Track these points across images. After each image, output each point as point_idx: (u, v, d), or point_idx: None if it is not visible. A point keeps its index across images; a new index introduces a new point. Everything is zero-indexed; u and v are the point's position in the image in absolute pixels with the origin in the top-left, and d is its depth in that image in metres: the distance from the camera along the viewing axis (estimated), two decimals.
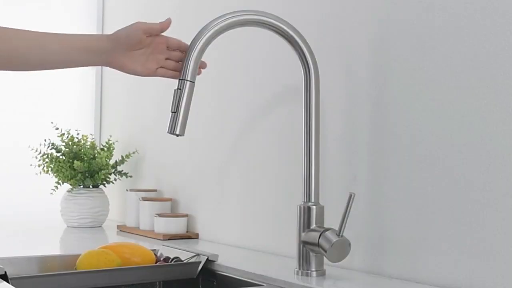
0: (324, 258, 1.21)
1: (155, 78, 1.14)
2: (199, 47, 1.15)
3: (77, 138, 2.19)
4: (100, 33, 2.60)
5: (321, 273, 1.23)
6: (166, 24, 1.17)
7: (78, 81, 2.59)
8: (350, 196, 1.17)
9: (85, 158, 2.12)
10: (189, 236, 1.83)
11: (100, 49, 1.14)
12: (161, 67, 1.19)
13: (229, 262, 1.39)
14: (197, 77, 1.16)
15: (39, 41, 1.11)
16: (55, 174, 2.14)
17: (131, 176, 2.24)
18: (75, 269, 1.36)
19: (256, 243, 1.60)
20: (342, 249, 1.18)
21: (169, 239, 1.77)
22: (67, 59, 1.14)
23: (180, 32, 2.00)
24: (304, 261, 1.23)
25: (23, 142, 2.23)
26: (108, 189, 2.23)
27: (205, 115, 1.83)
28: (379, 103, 1.26)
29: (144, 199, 1.97)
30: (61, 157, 2.14)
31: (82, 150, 2.14)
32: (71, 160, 2.12)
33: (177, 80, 1.15)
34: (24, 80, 2.47)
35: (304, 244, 1.23)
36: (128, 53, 1.15)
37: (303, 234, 1.23)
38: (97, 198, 2.16)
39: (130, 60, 1.16)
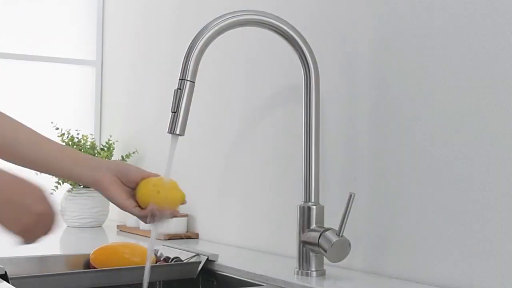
0: (324, 258, 1.21)
1: (155, 78, 1.15)
2: (199, 47, 1.15)
3: (77, 138, 2.19)
4: (100, 32, 2.60)
5: (321, 273, 1.23)
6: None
7: (78, 81, 2.59)
8: (350, 196, 1.17)
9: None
10: (189, 236, 1.83)
11: (100, 168, 1.11)
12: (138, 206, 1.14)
13: (229, 262, 1.39)
14: (197, 77, 1.16)
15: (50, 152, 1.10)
16: None
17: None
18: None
19: (256, 243, 1.60)
20: (342, 249, 1.18)
21: (169, 239, 1.77)
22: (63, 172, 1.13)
23: (180, 32, 2.00)
24: (304, 261, 1.23)
25: None
26: None
27: (205, 115, 1.83)
28: (379, 103, 1.26)
29: None
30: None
31: (82, 150, 2.14)
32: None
33: (177, 80, 1.15)
34: (24, 80, 2.47)
35: (304, 244, 1.23)
36: (118, 184, 1.11)
37: (303, 234, 1.23)
38: (97, 198, 2.16)
39: (115, 190, 1.11)
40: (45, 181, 2.05)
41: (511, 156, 1.02)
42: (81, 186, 2.16)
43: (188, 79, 1.14)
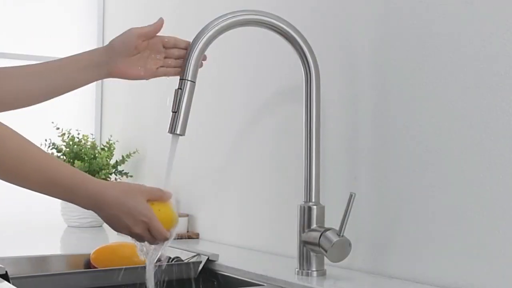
0: (325, 258, 1.21)
1: (156, 78, 1.15)
2: (199, 47, 1.15)
3: (78, 138, 2.19)
4: (100, 32, 2.61)
5: (322, 273, 1.23)
6: (159, 25, 1.17)
7: None
8: (351, 196, 1.17)
9: (86, 158, 2.12)
10: (190, 236, 1.83)
11: (99, 63, 1.14)
12: (161, 66, 1.19)
13: (230, 262, 1.39)
14: (198, 77, 1.16)
15: (42, 73, 1.12)
16: None
17: (131, 176, 2.24)
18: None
19: (256, 243, 1.60)
20: (342, 249, 1.18)
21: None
22: (71, 83, 1.15)
23: (180, 32, 2.00)
24: (304, 261, 1.23)
25: None
26: None
27: (206, 115, 1.83)
28: (380, 103, 1.26)
29: None
30: (61, 157, 2.14)
31: (82, 150, 2.14)
32: (71, 160, 2.12)
33: (177, 80, 1.15)
34: None
35: (305, 244, 1.23)
36: (127, 60, 1.15)
37: (303, 234, 1.23)
38: None
39: (129, 66, 1.16)
40: None
41: (511, 156, 1.03)
42: None
43: (189, 79, 1.14)
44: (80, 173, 1.05)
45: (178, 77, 1.16)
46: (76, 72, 1.14)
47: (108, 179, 2.19)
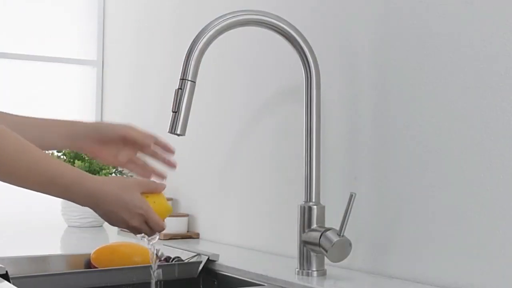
0: (325, 258, 1.21)
1: (156, 78, 1.16)
2: (199, 47, 1.15)
3: None
4: (100, 32, 2.61)
5: (322, 273, 1.23)
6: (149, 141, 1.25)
7: (79, 81, 2.59)
8: (351, 196, 1.17)
9: (86, 158, 2.12)
10: (190, 236, 1.83)
11: (78, 136, 1.19)
12: (130, 160, 1.24)
13: (230, 262, 1.39)
14: (198, 77, 1.16)
15: (21, 126, 1.14)
16: None
17: (131, 176, 2.24)
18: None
19: (256, 243, 1.61)
20: (343, 249, 1.18)
21: (170, 239, 1.77)
22: (45, 144, 1.17)
23: (180, 32, 2.00)
24: (305, 261, 1.23)
25: None
26: None
27: (206, 115, 1.83)
28: (380, 103, 1.26)
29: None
30: (62, 157, 2.14)
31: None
32: (72, 160, 2.12)
33: (178, 80, 1.15)
34: (24, 80, 2.48)
35: (305, 244, 1.23)
36: (102, 144, 1.20)
37: (303, 234, 1.23)
38: None
39: (101, 150, 1.21)
40: None
41: (511, 156, 1.03)
42: None
43: (189, 79, 1.14)
44: (78, 171, 1.06)
45: (178, 77, 1.16)
46: (54, 134, 1.18)
47: None
